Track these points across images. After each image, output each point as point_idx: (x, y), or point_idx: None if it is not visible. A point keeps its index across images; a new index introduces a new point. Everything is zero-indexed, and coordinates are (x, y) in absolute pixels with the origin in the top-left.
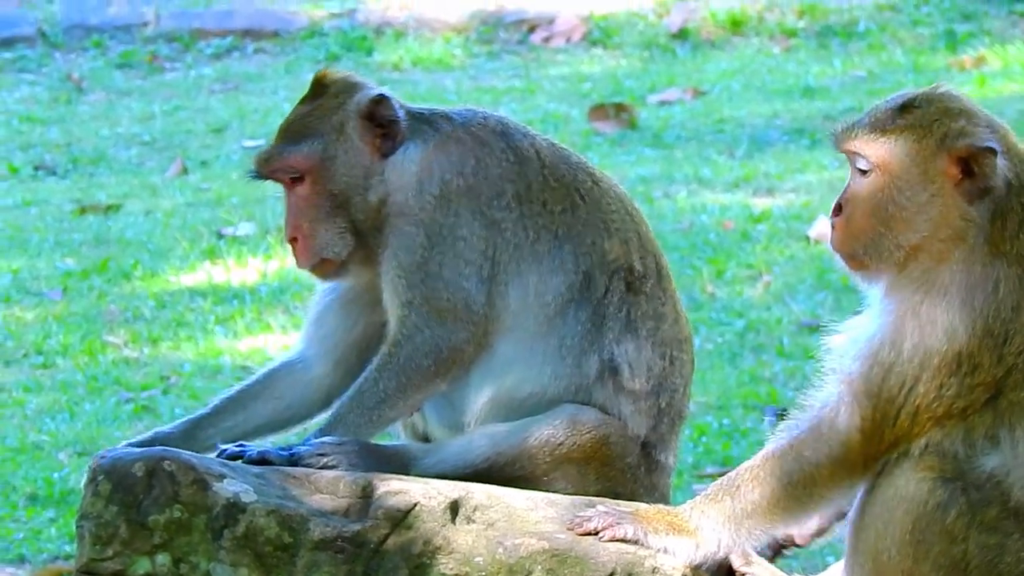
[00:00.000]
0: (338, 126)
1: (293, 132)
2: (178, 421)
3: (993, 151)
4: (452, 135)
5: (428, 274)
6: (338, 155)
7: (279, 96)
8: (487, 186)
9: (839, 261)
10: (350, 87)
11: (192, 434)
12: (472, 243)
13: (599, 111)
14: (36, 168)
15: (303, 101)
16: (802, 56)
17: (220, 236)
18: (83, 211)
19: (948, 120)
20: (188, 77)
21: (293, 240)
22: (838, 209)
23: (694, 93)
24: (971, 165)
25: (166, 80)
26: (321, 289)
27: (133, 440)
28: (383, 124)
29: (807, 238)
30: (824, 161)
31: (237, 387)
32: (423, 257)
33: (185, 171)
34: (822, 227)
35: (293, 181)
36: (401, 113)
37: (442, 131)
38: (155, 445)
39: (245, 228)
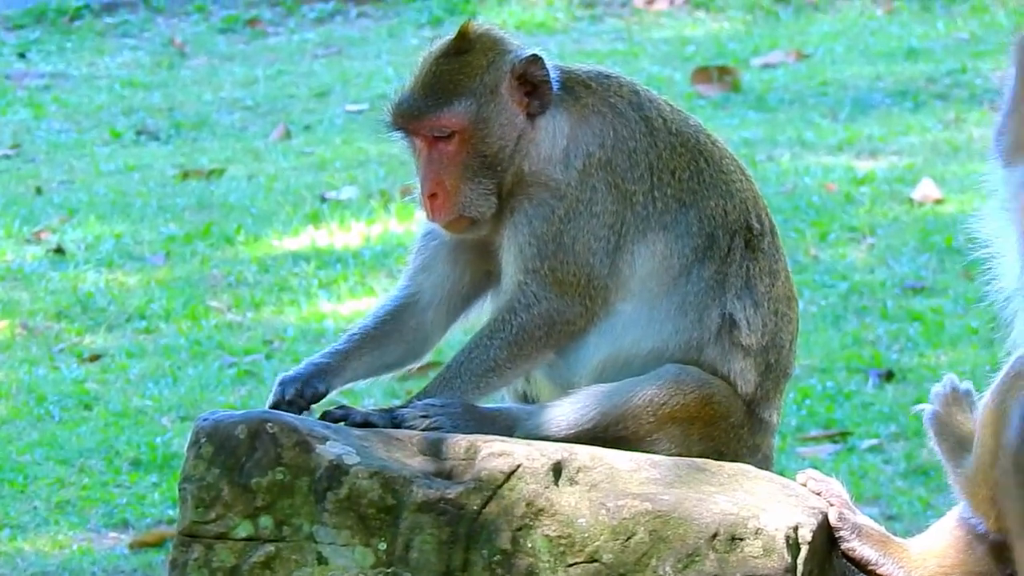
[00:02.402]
0: (492, 85)
1: (442, 88)
2: (325, 351)
3: None
4: (592, 106)
5: (560, 246)
6: (491, 116)
7: (382, 60)
8: (623, 159)
9: None
10: (499, 44)
11: (343, 366)
12: (604, 218)
13: (702, 74)
14: (139, 133)
15: (446, 54)
16: (905, 18)
17: (323, 200)
18: (186, 176)
19: None
20: (291, 41)
21: (432, 196)
22: None
23: (797, 56)
24: None
25: (269, 44)
26: (423, 232)
27: (288, 374)
28: (534, 84)
29: (910, 200)
30: (927, 124)
31: (368, 322)
32: (559, 229)
33: (288, 135)
34: (925, 189)
35: (437, 138)
36: (554, 74)
37: (582, 100)
38: (312, 375)
39: (348, 192)
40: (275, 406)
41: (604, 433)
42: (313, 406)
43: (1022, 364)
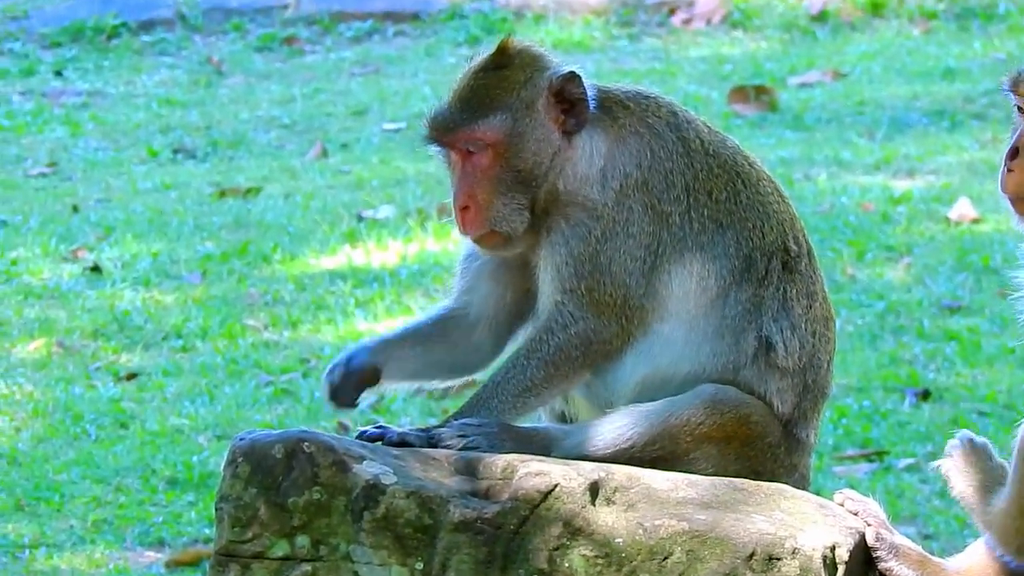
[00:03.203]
0: (528, 101)
1: (479, 102)
2: (372, 339)
3: None
4: (630, 126)
5: (596, 266)
6: (526, 131)
7: (419, 79)
8: (659, 180)
9: (1010, 205)
10: (537, 60)
11: (387, 353)
12: (641, 239)
13: (739, 93)
14: (175, 151)
15: (484, 69)
16: (942, 38)
17: (360, 219)
18: (223, 194)
19: None
20: (328, 60)
21: (464, 208)
22: (1014, 153)
23: (834, 75)
24: None
25: (306, 63)
26: (464, 255)
27: (338, 359)
28: (571, 102)
29: (947, 219)
30: (964, 143)
31: (416, 321)
32: (595, 249)
33: (325, 154)
34: (962, 208)
35: (471, 152)
36: (591, 92)
37: (619, 121)
38: (351, 360)
39: (385, 211)
40: (332, 395)
41: (641, 453)
42: (362, 400)
43: None
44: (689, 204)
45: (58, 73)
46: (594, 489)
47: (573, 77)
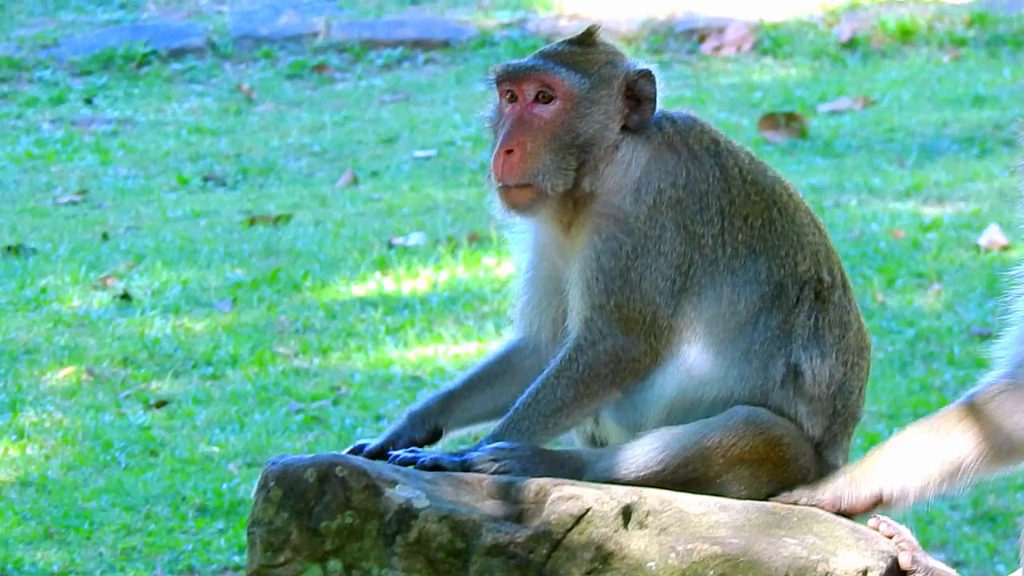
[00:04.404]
0: (608, 78)
1: (562, 58)
2: (430, 395)
3: None
4: (670, 142)
5: (627, 282)
6: (597, 101)
7: (449, 106)
8: (694, 200)
9: None
10: (618, 51)
11: (449, 406)
12: (671, 258)
13: (770, 120)
14: (205, 179)
15: (569, 43)
16: (971, 65)
17: (390, 246)
18: (253, 222)
19: None
20: (358, 87)
21: (508, 151)
22: None
23: (864, 102)
24: None
25: (336, 90)
26: (521, 277)
27: (400, 424)
28: (639, 99)
29: (977, 247)
30: (994, 170)
31: (479, 365)
32: (626, 265)
33: (355, 181)
34: (992, 235)
35: (537, 99)
36: (661, 95)
37: (664, 133)
38: (413, 423)
39: (415, 238)
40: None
41: (674, 475)
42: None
43: None
44: (723, 227)
45: (88, 101)
46: (627, 513)
47: (648, 74)
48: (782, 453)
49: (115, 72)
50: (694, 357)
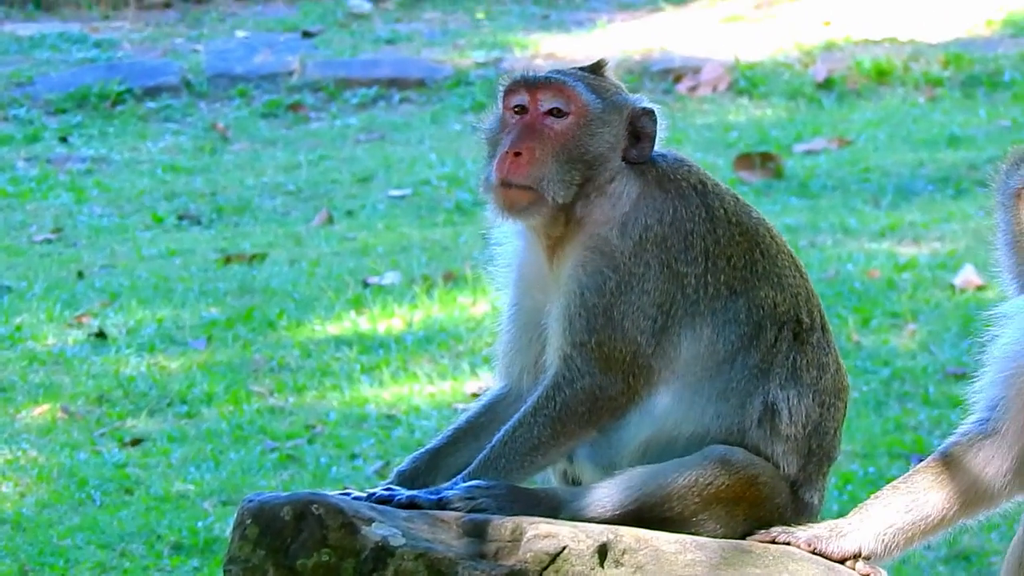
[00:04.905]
0: (617, 105)
1: (579, 78)
2: (416, 453)
3: None
4: (660, 180)
5: (609, 320)
6: (607, 123)
7: (425, 146)
8: (679, 239)
9: None
10: (623, 87)
11: (435, 464)
12: (654, 296)
13: (745, 160)
14: (180, 217)
15: (580, 69)
16: (947, 106)
17: (365, 285)
18: (228, 260)
19: None
20: (333, 126)
21: (517, 153)
22: None
23: (840, 142)
24: None
25: (311, 129)
26: (502, 315)
27: (389, 482)
28: (638, 135)
29: (952, 287)
30: (969, 210)
31: (464, 418)
32: (610, 303)
33: (330, 220)
34: (967, 275)
35: (549, 113)
36: (661, 135)
37: (655, 171)
38: (401, 483)
39: (390, 277)
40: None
41: (650, 514)
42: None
43: None
44: (707, 267)
45: (63, 139)
46: (603, 551)
47: (651, 113)
48: (758, 492)
49: (90, 110)
50: (672, 395)
